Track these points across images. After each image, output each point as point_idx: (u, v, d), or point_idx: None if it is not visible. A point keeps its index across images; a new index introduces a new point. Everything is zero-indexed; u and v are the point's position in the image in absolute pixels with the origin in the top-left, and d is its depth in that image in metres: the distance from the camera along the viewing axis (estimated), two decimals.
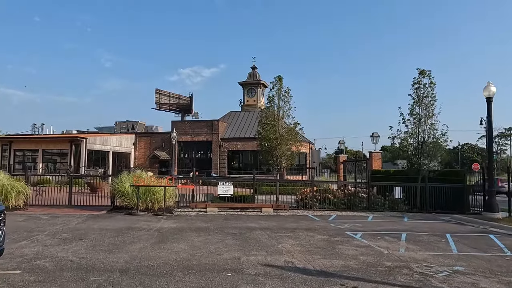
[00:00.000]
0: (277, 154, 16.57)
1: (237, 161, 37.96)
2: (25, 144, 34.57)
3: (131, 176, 14.27)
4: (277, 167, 16.95)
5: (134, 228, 10.26)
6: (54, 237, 8.83)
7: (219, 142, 37.20)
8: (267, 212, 14.55)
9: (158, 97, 44.78)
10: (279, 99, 16.89)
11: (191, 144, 38.15)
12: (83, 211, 13.67)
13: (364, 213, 15.29)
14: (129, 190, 13.66)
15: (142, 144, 39.43)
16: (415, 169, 17.21)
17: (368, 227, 11.58)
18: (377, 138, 27.28)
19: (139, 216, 12.85)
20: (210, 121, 37.75)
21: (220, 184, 15.40)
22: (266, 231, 10.34)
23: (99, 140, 34.88)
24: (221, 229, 10.41)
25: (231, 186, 15.49)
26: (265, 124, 16.94)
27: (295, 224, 11.73)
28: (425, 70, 17.42)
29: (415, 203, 16.80)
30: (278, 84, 16.96)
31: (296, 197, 16.65)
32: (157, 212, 13.48)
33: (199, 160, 38.63)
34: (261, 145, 17.33)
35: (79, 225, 10.65)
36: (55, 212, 13.25)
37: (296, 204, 16.48)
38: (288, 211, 15.16)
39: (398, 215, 15.02)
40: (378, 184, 16.92)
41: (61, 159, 34.60)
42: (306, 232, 10.33)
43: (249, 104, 42.52)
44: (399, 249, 8.32)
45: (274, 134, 16.47)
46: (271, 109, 16.88)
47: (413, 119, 17.40)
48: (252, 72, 43.70)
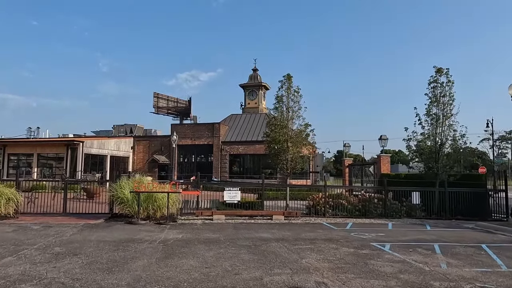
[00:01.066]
0: (286, 157, 15.51)
1: (238, 165, 36.88)
2: (20, 148, 33.38)
3: (131, 182, 13.19)
4: (287, 171, 15.88)
5: (135, 240, 9.18)
6: (45, 252, 7.74)
7: (220, 146, 36.12)
8: (278, 220, 13.49)
9: (157, 101, 43.84)
10: (288, 99, 15.86)
11: (191, 147, 37.04)
12: (79, 220, 12.57)
13: (381, 220, 14.26)
14: (129, 197, 12.58)
15: (141, 148, 38.31)
16: (433, 173, 16.21)
17: (392, 237, 10.54)
18: (385, 141, 26.26)
19: (140, 225, 11.76)
20: (211, 124, 36.68)
21: (227, 190, 14.34)
22: (283, 242, 9.28)
23: (97, 143, 33.75)
24: (232, 241, 9.34)
25: (239, 192, 14.43)
26: (273, 125, 15.89)
27: (312, 234, 10.67)
28: (442, 68, 16.48)
29: (432, 209, 15.79)
30: (287, 83, 15.94)
31: (307, 203, 15.60)
32: (159, 221, 12.40)
33: (200, 164, 37.50)
34: (269, 147, 16.26)
35: (74, 237, 9.56)
36: (48, 221, 12.14)
37: (307, 211, 15.42)
38: (300, 218, 14.10)
39: (418, 223, 14.00)
40: (394, 189, 15.89)
41: (57, 163, 33.43)
42: (328, 243, 9.28)
43: (251, 106, 41.51)
44: (440, 265, 7.27)
45: (284, 136, 15.41)
46: (280, 110, 15.84)
47: (430, 120, 16.42)
48: (253, 74, 42.74)
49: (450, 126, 16.21)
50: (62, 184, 14.60)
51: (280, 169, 16.23)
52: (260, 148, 35.87)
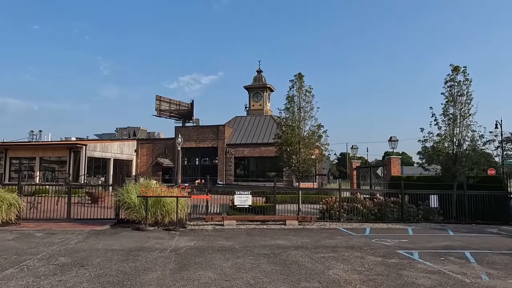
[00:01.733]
0: (298, 159, 14.89)
1: (243, 168, 36.25)
2: (22, 152, 32.88)
3: (138, 186, 12.61)
4: (299, 174, 15.26)
5: (145, 249, 8.58)
6: (48, 263, 7.15)
7: (225, 148, 35.55)
8: (292, 225, 12.87)
9: (159, 104, 43.36)
10: (300, 99, 15.26)
11: (196, 150, 36.50)
12: (84, 226, 11.98)
13: (399, 225, 13.63)
14: (136, 202, 11.98)
15: (144, 151, 37.77)
16: (451, 175, 15.58)
17: (417, 243, 9.91)
18: (395, 143, 25.65)
19: (149, 231, 11.16)
20: (216, 126, 36.13)
21: (238, 194, 13.72)
22: (303, 250, 8.67)
23: (100, 147, 33.22)
24: (249, 249, 8.73)
25: (250, 196, 13.81)
26: (285, 126, 15.28)
27: (331, 241, 10.06)
28: (459, 66, 15.88)
29: (450, 213, 15.16)
30: (299, 83, 15.34)
31: (320, 207, 14.97)
32: (168, 227, 11.80)
33: (204, 167, 36.94)
34: (281, 149, 15.62)
35: (80, 245, 8.96)
36: (51, 228, 11.55)
37: (320, 215, 14.79)
38: (314, 223, 13.48)
39: (438, 227, 13.37)
40: (412, 192, 15.25)
41: (59, 167, 32.93)
42: (351, 251, 8.66)
43: (255, 108, 40.97)
44: (480, 276, 6.65)
45: (296, 138, 14.80)
46: (291, 110, 15.23)
47: (447, 120, 15.81)
48: (258, 76, 42.22)
49: (468, 126, 15.62)
50: (65, 188, 14.02)
51: (292, 172, 15.57)
52: (265, 151, 35.32)
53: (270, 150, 35.09)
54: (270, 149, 35.11)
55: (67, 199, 13.38)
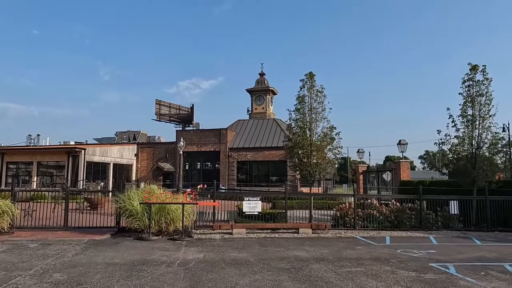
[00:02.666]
0: (311, 163, 14.05)
1: (246, 172, 35.34)
2: (19, 156, 32.00)
3: (140, 192, 11.75)
4: (311, 179, 14.41)
5: (150, 262, 7.71)
6: (41, 281, 6.28)
7: (228, 152, 34.71)
8: (305, 233, 12.02)
9: (159, 108, 42.65)
10: (311, 99, 14.44)
11: (197, 154, 35.66)
12: (82, 235, 11.10)
13: (418, 233, 12.79)
14: (139, 209, 11.12)
15: (145, 155, 36.91)
16: (470, 180, 14.75)
17: (446, 254, 9.06)
18: (404, 146, 24.81)
19: (152, 241, 10.29)
20: (218, 130, 35.32)
21: (246, 200, 12.86)
22: (326, 264, 7.81)
23: (99, 151, 32.36)
24: (265, 262, 7.87)
25: (259, 202, 12.96)
26: (295, 128, 14.44)
27: (353, 252, 9.20)
28: (478, 65, 15.11)
29: (470, 220, 14.31)
30: (310, 82, 14.53)
31: (333, 214, 14.12)
32: (173, 236, 10.93)
33: (206, 171, 36.10)
34: (291, 153, 14.76)
35: (77, 258, 8.09)
36: (47, 237, 10.67)
37: (332, 222, 13.94)
38: (329, 231, 12.62)
39: (461, 236, 12.52)
40: (430, 197, 14.40)
41: (57, 172, 32.04)
42: (379, 264, 7.80)
43: (258, 112, 40.19)
44: None
45: (308, 140, 13.97)
46: (302, 111, 14.41)
47: (466, 122, 15.01)
48: (260, 79, 41.48)
49: (488, 128, 14.82)
50: (63, 194, 13.16)
51: (304, 177, 14.72)
52: (269, 155, 34.49)
53: (274, 154, 34.33)
54: (273, 153, 34.35)
55: (64, 206, 12.50)
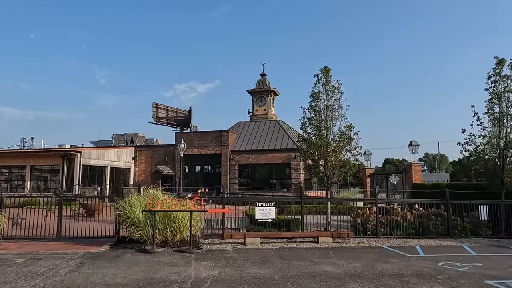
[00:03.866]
0: (327, 165, 12.88)
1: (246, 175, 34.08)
2: (11, 160, 30.64)
3: (142, 197, 10.55)
4: (327, 182, 13.23)
5: (158, 282, 6.51)
6: None
7: (229, 155, 33.50)
8: (326, 242, 10.84)
9: (156, 111, 41.64)
10: (326, 96, 13.29)
11: (198, 157, 34.40)
12: (77, 246, 9.88)
13: (448, 241, 11.68)
14: (141, 217, 9.92)
15: (143, 158, 35.63)
16: (498, 182, 13.66)
17: (496, 268, 7.92)
18: (416, 147, 23.73)
19: (157, 254, 9.08)
20: (219, 132, 34.13)
21: (259, 206, 11.65)
22: (365, 282, 6.64)
23: (95, 154, 31.08)
24: (294, 281, 6.68)
25: (273, 209, 11.76)
26: (310, 127, 13.26)
27: (389, 266, 8.03)
28: (505, 59, 14.06)
29: (499, 226, 13.21)
30: (325, 78, 13.39)
31: (352, 220, 12.96)
32: (180, 247, 9.72)
33: (207, 175, 34.85)
34: (306, 154, 13.54)
35: (71, 277, 6.87)
36: (37, 250, 9.43)
37: (351, 229, 12.80)
38: (350, 239, 11.46)
39: (495, 244, 11.42)
40: (458, 202, 13.27)
41: (52, 176, 30.73)
42: (426, 282, 6.64)
43: (259, 113, 39.02)
44: None
45: (325, 140, 12.80)
46: (316, 109, 13.25)
47: (493, 120, 13.93)
48: (262, 79, 40.36)
49: None
50: (56, 200, 11.90)
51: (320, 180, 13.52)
52: (272, 157, 33.30)
53: (277, 156, 33.16)
54: (277, 155, 33.18)
55: (57, 213, 11.24)
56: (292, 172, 32.09)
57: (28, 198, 13.28)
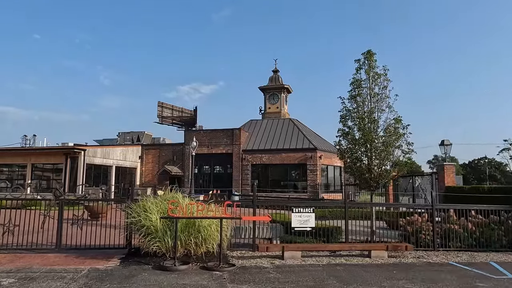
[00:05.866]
0: (374, 165, 11.00)
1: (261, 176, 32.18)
2: (11, 158, 28.95)
3: (159, 201, 8.73)
4: (374, 183, 11.34)
5: None
6: None
7: (241, 155, 31.67)
8: (380, 257, 8.98)
9: (161, 110, 40.05)
10: (370, 84, 11.41)
11: (208, 157, 32.57)
12: (81, 261, 8.07)
13: None
14: (158, 225, 8.11)
15: (150, 157, 33.88)
16: None
17: None
18: (448, 147, 21.79)
19: (180, 273, 7.25)
20: (230, 130, 32.31)
21: (295, 212, 9.79)
22: None
23: (100, 152, 29.33)
24: None
25: (313, 215, 9.88)
26: (352, 120, 11.37)
27: None
28: None
29: None
30: (368, 63, 11.54)
31: (402, 229, 11.08)
32: (206, 263, 7.90)
33: (217, 175, 33.03)
34: (350, 152, 11.58)
35: None
36: (31, 265, 7.63)
37: (398, 239, 10.94)
38: (409, 253, 9.59)
39: None
40: None
41: (55, 175, 29.02)
42: None
43: (271, 111, 37.16)
44: None
45: (371, 135, 10.92)
46: (358, 100, 11.37)
47: None
48: (274, 76, 38.52)
49: None
50: (56, 203, 10.08)
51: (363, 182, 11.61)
52: (287, 157, 31.40)
53: (292, 156, 31.28)
54: (292, 155, 31.29)
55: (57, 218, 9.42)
56: (309, 173, 30.22)
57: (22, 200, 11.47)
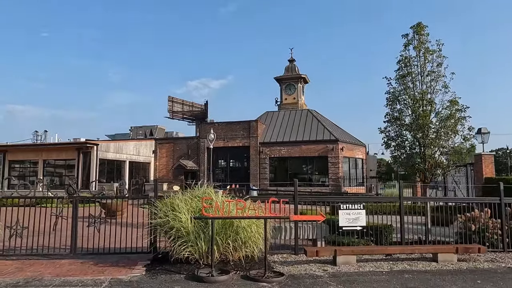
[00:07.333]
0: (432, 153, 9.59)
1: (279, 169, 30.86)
2: (23, 154, 28.15)
3: (188, 198, 7.46)
4: (431, 175, 9.92)
5: None
6: None
7: (259, 148, 30.38)
8: (448, 261, 7.61)
9: (171, 105, 39.27)
10: (422, 61, 9.94)
11: (224, 150, 31.40)
12: (99, 269, 6.87)
13: None
14: (190, 227, 6.85)
15: (164, 152, 32.81)
16: None
17: None
18: (486, 136, 20.14)
19: (221, 285, 5.98)
20: (247, 122, 31.04)
21: (343, 209, 8.47)
22: None
23: (113, 147, 28.32)
24: None
25: (363, 212, 8.54)
26: (402, 102, 9.94)
27: None
28: None
29: None
30: (417, 38, 10.07)
31: (461, 226, 9.67)
32: (248, 271, 6.63)
33: (234, 170, 31.89)
34: (401, 138, 10.18)
35: None
36: (42, 275, 6.45)
37: (455, 238, 9.54)
38: (479, 255, 8.19)
39: None
40: None
41: (67, 171, 28.14)
42: None
43: (288, 102, 35.78)
44: None
45: (426, 119, 9.48)
46: (408, 80, 9.91)
47: None
48: (290, 65, 37.06)
49: None
50: (69, 200, 8.90)
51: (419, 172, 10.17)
52: (307, 150, 30.02)
53: (312, 148, 29.88)
54: (312, 147, 29.90)
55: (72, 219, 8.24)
56: (330, 166, 28.85)
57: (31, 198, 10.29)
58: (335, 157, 28.67)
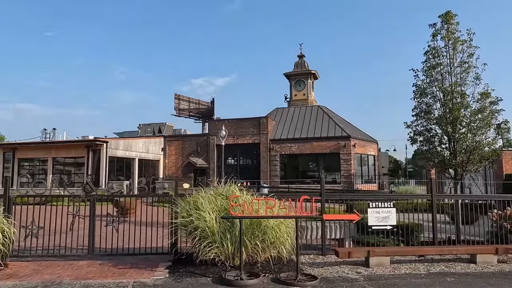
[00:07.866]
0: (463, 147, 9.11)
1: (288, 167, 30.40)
2: (32, 152, 27.94)
3: (212, 195, 7.07)
4: (462, 171, 9.46)
5: None
6: None
7: (269, 145, 29.95)
8: (489, 263, 7.17)
9: (178, 103, 39.02)
10: (451, 52, 9.46)
11: (233, 147, 30.92)
12: (119, 271, 6.51)
13: None
14: (215, 227, 6.46)
15: (173, 149, 32.49)
16: None
17: None
18: None
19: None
20: (257, 118, 30.60)
21: (372, 207, 8.04)
22: None
23: (123, 144, 28.04)
24: None
25: (393, 211, 8.10)
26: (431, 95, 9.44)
27: None
28: None
29: None
30: (446, 27, 9.59)
31: (493, 225, 9.19)
32: (278, 274, 6.23)
33: (243, 167, 31.46)
34: (429, 133, 9.71)
35: None
36: (60, 278, 6.10)
37: (487, 237, 9.07)
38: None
39: None
40: None
41: (76, 169, 27.92)
42: None
43: (298, 99, 35.25)
44: None
45: (459, 112, 9.01)
46: (438, 70, 9.42)
47: None
48: (300, 61, 36.49)
49: None
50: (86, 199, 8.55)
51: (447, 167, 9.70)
52: (318, 146, 29.53)
53: (323, 145, 29.38)
54: (323, 144, 29.39)
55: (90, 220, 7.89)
56: (342, 163, 28.34)
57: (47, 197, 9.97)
58: (347, 153, 28.17)
